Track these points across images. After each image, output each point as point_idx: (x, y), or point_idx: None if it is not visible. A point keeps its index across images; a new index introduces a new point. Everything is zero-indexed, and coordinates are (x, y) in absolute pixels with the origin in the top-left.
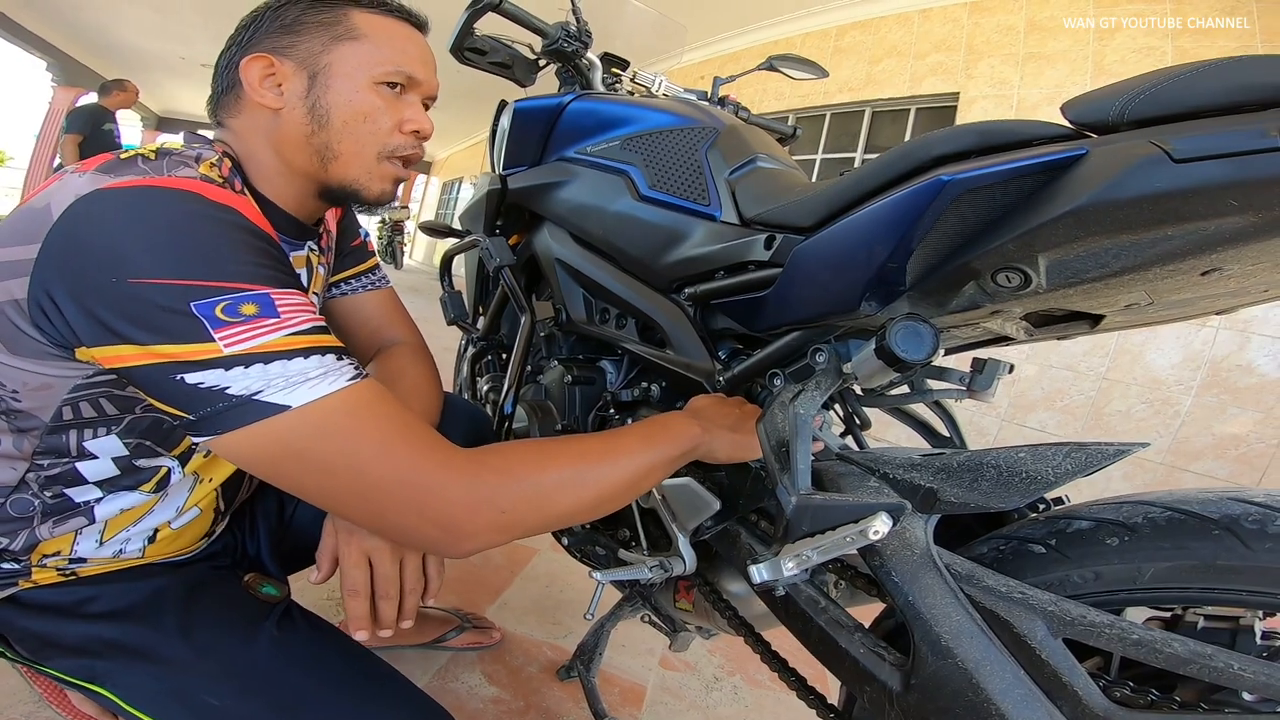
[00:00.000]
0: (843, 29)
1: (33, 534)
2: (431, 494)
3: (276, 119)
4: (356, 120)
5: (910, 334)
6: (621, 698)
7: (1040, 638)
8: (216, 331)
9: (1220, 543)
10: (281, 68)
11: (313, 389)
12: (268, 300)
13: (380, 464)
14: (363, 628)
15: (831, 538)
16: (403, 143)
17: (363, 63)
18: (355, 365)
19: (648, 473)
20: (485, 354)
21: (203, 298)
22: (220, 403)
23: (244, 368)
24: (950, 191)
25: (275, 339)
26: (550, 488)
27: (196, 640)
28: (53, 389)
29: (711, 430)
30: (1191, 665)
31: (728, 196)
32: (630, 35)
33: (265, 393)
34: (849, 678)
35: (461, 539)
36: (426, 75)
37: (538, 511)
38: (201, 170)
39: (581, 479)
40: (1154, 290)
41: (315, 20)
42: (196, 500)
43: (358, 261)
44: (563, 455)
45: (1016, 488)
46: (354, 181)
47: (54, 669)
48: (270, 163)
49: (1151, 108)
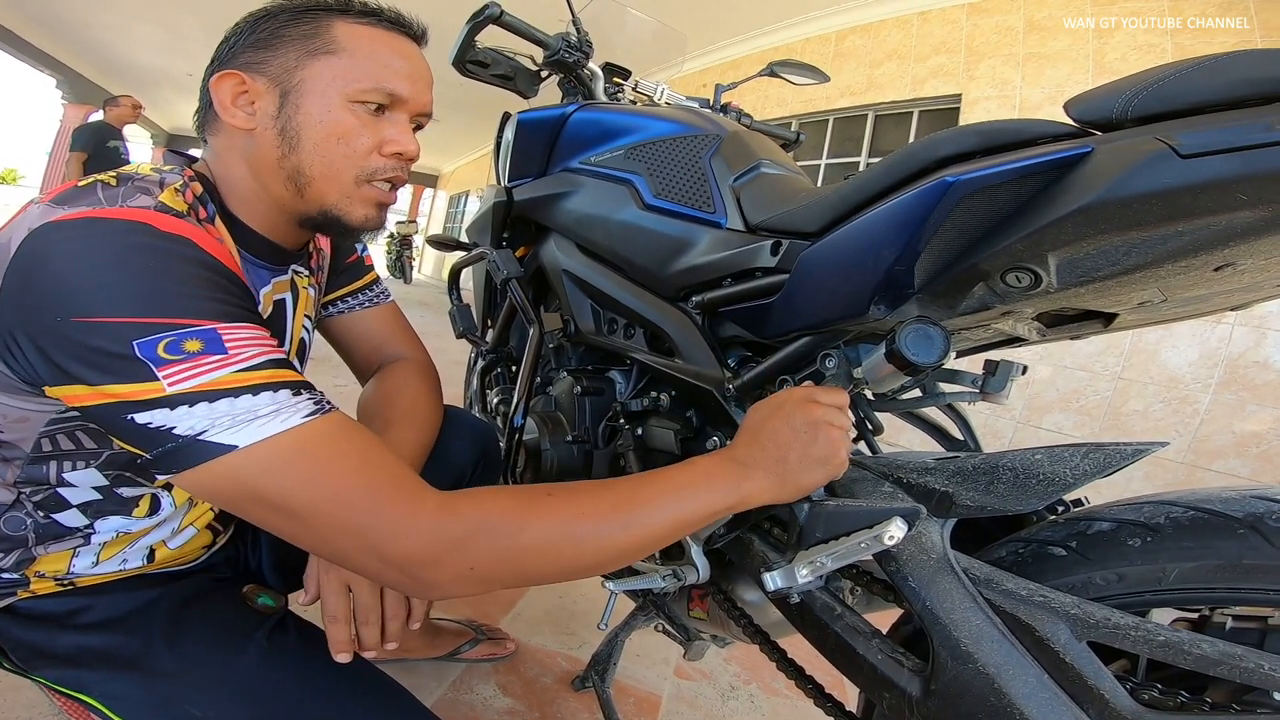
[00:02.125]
0: (842, 34)
1: (28, 552)
2: (389, 540)
3: (251, 140)
4: (329, 142)
5: (920, 337)
6: (637, 708)
7: (1064, 641)
8: (160, 369)
9: (1245, 541)
10: (253, 85)
11: (261, 428)
12: (214, 336)
13: (333, 506)
14: (344, 650)
15: (846, 544)
16: (383, 165)
17: (337, 79)
18: (316, 400)
19: (676, 529)
20: (495, 366)
21: (144, 335)
22: (169, 443)
23: (188, 406)
24: (956, 192)
25: (220, 376)
26: (527, 548)
27: (183, 650)
28: (30, 421)
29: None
30: (1221, 666)
31: (733, 203)
32: (631, 45)
33: (209, 432)
34: (867, 684)
35: (426, 588)
36: (414, 92)
37: (514, 571)
38: (162, 198)
39: (571, 540)
40: (1167, 287)
41: (294, 33)
42: (192, 520)
43: (355, 278)
44: (554, 512)
45: (1034, 490)
46: (333, 208)
47: (43, 678)
48: (247, 186)
49: (1156, 104)
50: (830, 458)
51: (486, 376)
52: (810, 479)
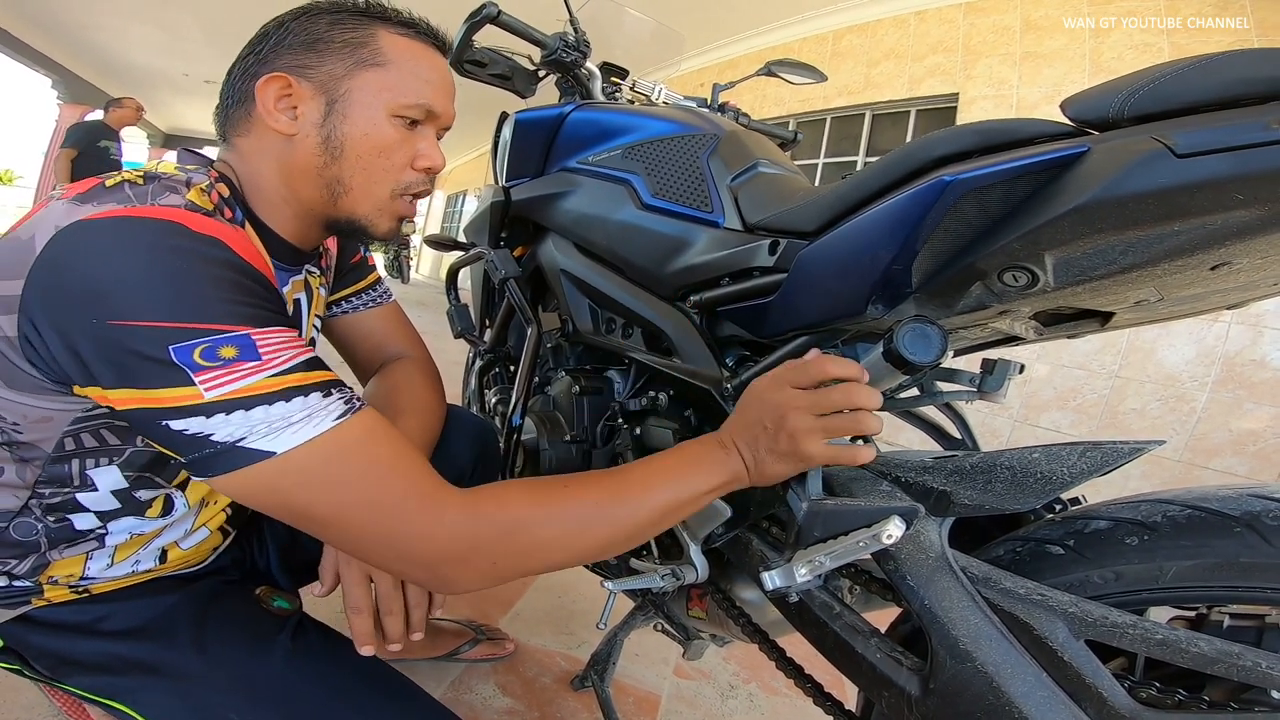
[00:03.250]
0: (839, 33)
1: (42, 557)
2: (417, 541)
3: (289, 145)
4: (372, 154)
5: (918, 336)
6: (636, 707)
7: (1062, 639)
8: (196, 375)
9: (1242, 540)
10: (299, 90)
11: (296, 433)
12: (248, 342)
13: (364, 510)
14: (368, 643)
15: (844, 543)
16: (415, 179)
17: (384, 92)
18: (346, 400)
19: (670, 511)
20: (493, 366)
21: (181, 340)
22: (206, 449)
23: (225, 414)
24: (953, 192)
25: (256, 381)
26: (549, 539)
27: (212, 655)
28: (53, 421)
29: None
30: (1219, 665)
31: (730, 203)
32: (629, 44)
33: (249, 439)
34: (866, 683)
35: (450, 584)
36: (445, 107)
37: (535, 561)
38: (190, 197)
39: (587, 526)
40: (1163, 286)
41: (342, 39)
42: (204, 521)
43: (359, 278)
44: (570, 501)
45: (1032, 489)
46: (363, 218)
47: (74, 686)
48: (275, 189)
49: (1152, 103)
50: (791, 454)
51: (485, 376)
52: (775, 470)
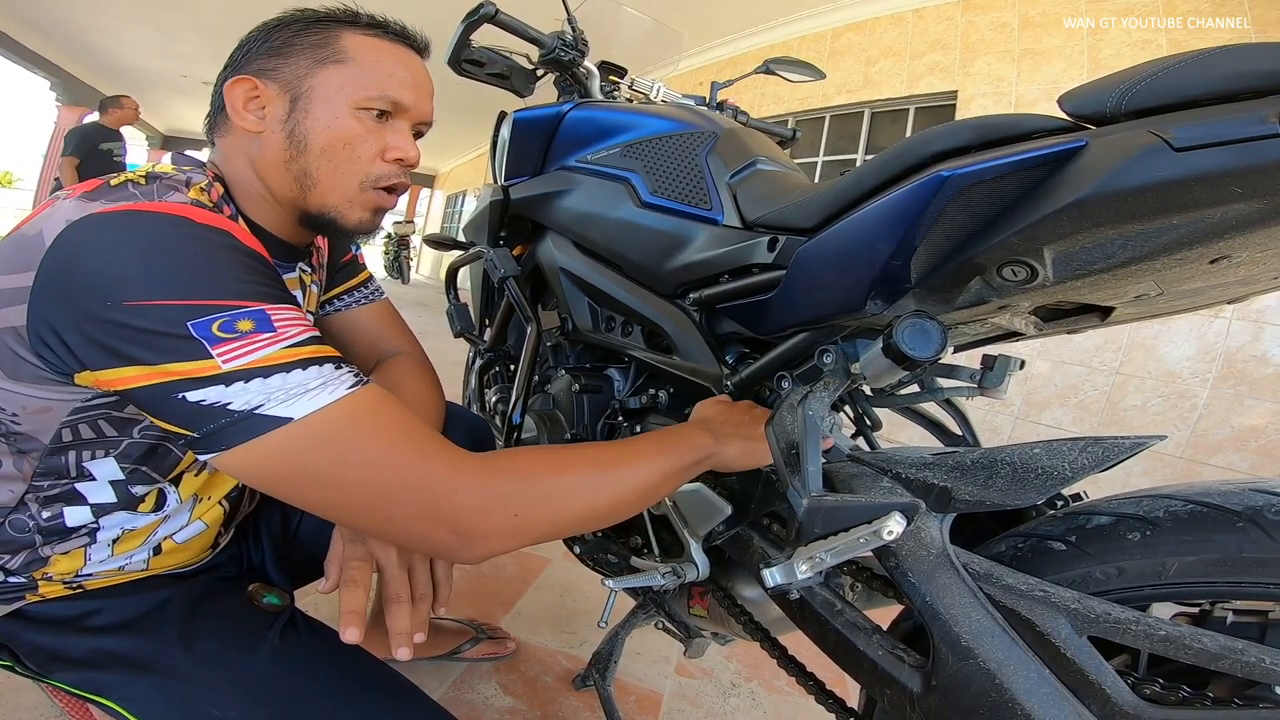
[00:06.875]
0: (838, 31)
1: (35, 553)
2: (442, 497)
3: (257, 142)
4: (335, 146)
5: (918, 332)
6: (638, 706)
7: (1064, 636)
8: (214, 348)
9: (1245, 535)
10: (265, 90)
11: (313, 399)
12: (263, 316)
13: (388, 469)
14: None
15: (845, 539)
16: (386, 171)
17: (345, 87)
18: (355, 373)
19: (660, 481)
20: (493, 365)
21: (198, 316)
22: (223, 419)
23: (244, 383)
24: (951, 187)
25: (272, 352)
26: (563, 492)
27: (198, 651)
28: (52, 412)
29: (723, 439)
30: (1223, 661)
31: (729, 200)
32: (627, 43)
33: (266, 406)
34: (868, 681)
35: (474, 542)
36: (416, 101)
37: (551, 516)
38: (191, 195)
39: (594, 485)
40: (1163, 280)
41: (305, 42)
42: (199, 515)
43: (350, 276)
44: (576, 461)
45: (1033, 484)
46: (333, 209)
47: (60, 682)
48: (254, 187)
49: (1149, 98)
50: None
51: (484, 375)
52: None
